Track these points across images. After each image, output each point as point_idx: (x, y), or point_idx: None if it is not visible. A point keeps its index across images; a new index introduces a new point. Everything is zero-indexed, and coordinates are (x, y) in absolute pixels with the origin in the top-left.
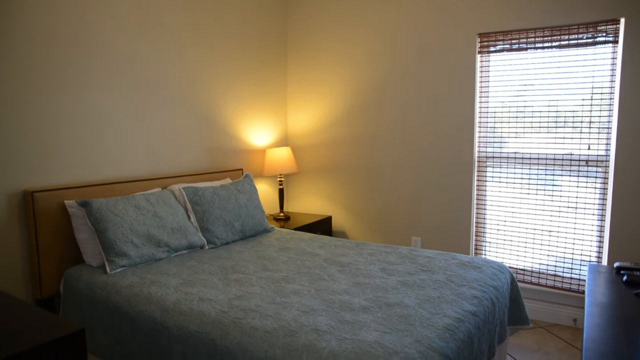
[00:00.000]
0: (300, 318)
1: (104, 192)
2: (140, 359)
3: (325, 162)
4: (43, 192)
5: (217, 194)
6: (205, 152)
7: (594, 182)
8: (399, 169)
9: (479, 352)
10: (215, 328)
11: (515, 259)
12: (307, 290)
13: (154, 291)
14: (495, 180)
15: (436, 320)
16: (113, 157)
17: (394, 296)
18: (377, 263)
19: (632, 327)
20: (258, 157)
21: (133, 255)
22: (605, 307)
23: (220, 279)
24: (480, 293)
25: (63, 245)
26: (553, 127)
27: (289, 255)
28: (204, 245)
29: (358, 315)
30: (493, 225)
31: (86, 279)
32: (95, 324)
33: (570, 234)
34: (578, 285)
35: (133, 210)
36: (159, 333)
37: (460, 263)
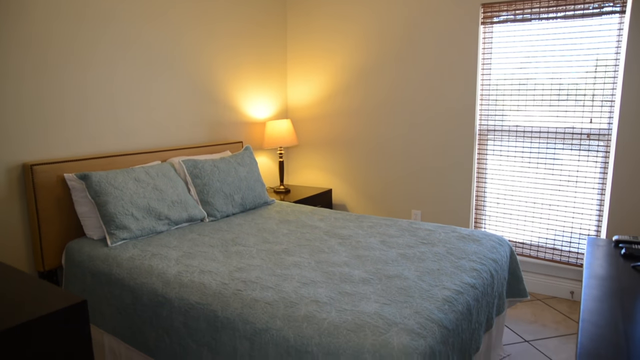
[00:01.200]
0: (300, 290)
1: (103, 165)
2: (142, 330)
3: (325, 134)
4: (42, 165)
5: (217, 166)
6: (205, 125)
7: (595, 156)
8: (399, 141)
9: (478, 324)
10: (216, 300)
11: (515, 233)
12: (307, 262)
13: (155, 263)
14: (496, 154)
15: (435, 292)
16: (112, 130)
17: (394, 268)
18: (377, 236)
19: (628, 299)
20: (258, 130)
21: (134, 228)
22: (603, 280)
23: (221, 251)
24: (480, 266)
25: (64, 218)
26: (555, 100)
27: (289, 228)
28: (204, 218)
29: (358, 287)
30: (493, 198)
31: (87, 251)
32: (98, 296)
33: (570, 208)
34: (576, 258)
35: (133, 183)
36: (161, 305)
37: (460, 236)
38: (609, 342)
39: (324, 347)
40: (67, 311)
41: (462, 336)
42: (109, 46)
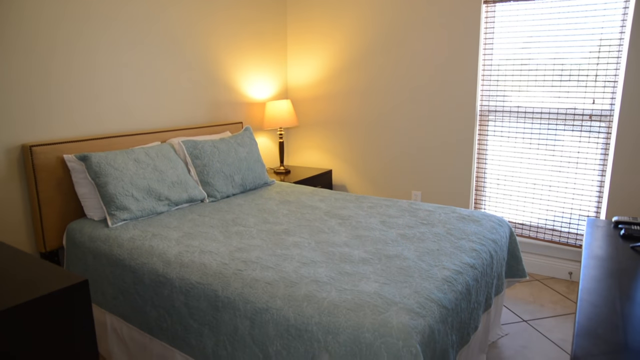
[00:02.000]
0: (300, 269)
1: (103, 146)
2: (144, 310)
3: (325, 115)
4: (42, 146)
5: (216, 147)
6: (204, 106)
7: (596, 137)
8: (400, 122)
9: (476, 304)
10: (216, 279)
11: (515, 214)
12: (307, 242)
13: (155, 244)
14: (497, 135)
15: (435, 272)
16: (112, 111)
17: (394, 249)
18: (377, 216)
19: (626, 279)
20: (258, 111)
21: (134, 208)
22: (602, 260)
23: (221, 231)
24: (479, 246)
25: (64, 199)
26: (558, 80)
27: (290, 208)
28: (204, 198)
29: (358, 267)
30: (493, 179)
31: (88, 232)
32: (99, 276)
33: (570, 189)
34: (575, 239)
35: (133, 164)
36: (162, 285)
37: (460, 216)
38: (606, 321)
39: (324, 326)
40: (68, 290)
41: (461, 316)
42: (109, 28)
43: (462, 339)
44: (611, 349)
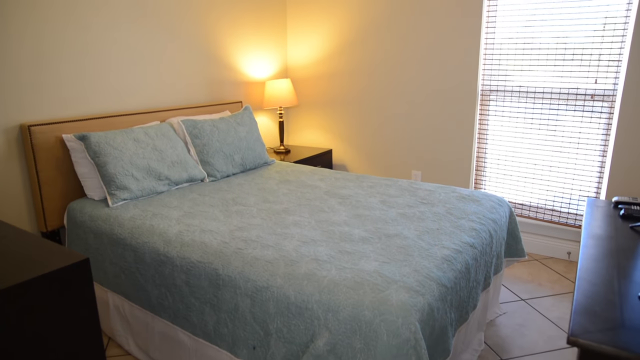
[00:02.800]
0: (300, 248)
1: (102, 126)
2: (145, 289)
3: (325, 94)
4: (40, 126)
5: (216, 126)
6: (203, 85)
7: (598, 118)
8: (401, 101)
9: (475, 282)
10: (217, 258)
11: (515, 194)
12: (307, 221)
13: (156, 223)
14: (498, 115)
15: (435, 251)
16: (111, 90)
17: (394, 228)
18: (377, 195)
19: (624, 259)
20: (257, 90)
21: (134, 188)
22: (601, 240)
23: (222, 210)
24: (479, 226)
25: (64, 179)
26: (561, 60)
27: (290, 188)
28: (204, 178)
29: (358, 246)
30: (494, 159)
31: (89, 212)
32: (101, 255)
33: (571, 170)
34: (575, 219)
35: (132, 144)
36: (163, 263)
37: (460, 196)
38: (604, 299)
39: (324, 304)
40: (70, 269)
41: (460, 294)
42: (108, 6)
43: (460, 317)
44: (608, 326)
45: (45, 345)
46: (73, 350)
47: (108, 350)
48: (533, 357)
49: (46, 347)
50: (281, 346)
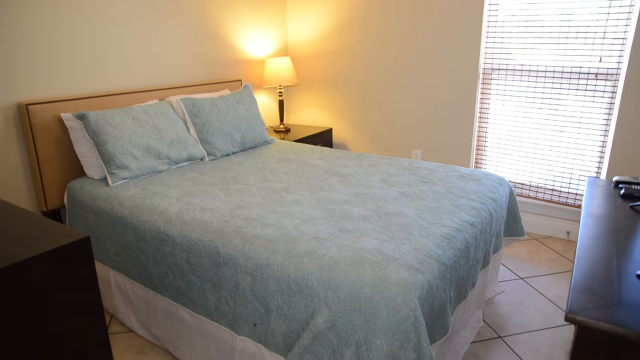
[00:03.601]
0: (300, 226)
1: (100, 105)
2: (146, 267)
3: (326, 73)
4: (38, 104)
5: (215, 105)
6: (203, 63)
7: (601, 97)
8: (402, 79)
9: (475, 261)
10: (217, 236)
11: (515, 173)
12: (307, 200)
13: (156, 202)
14: (499, 94)
15: (434, 229)
16: (109, 69)
17: (394, 206)
18: (377, 174)
19: (624, 237)
20: (257, 68)
21: (134, 167)
22: (600, 219)
23: (221, 189)
24: (479, 204)
25: (64, 158)
26: (564, 38)
27: (290, 167)
28: (204, 157)
29: (358, 224)
30: (494, 139)
31: (89, 191)
32: (101, 234)
33: (572, 150)
34: (575, 199)
35: (131, 123)
36: (164, 242)
37: (460, 175)
38: (602, 277)
39: (324, 281)
40: (71, 247)
41: (460, 272)
42: None
43: (459, 295)
44: (605, 304)
45: (47, 323)
46: (76, 327)
47: (110, 327)
48: (530, 334)
49: (49, 325)
50: (281, 323)
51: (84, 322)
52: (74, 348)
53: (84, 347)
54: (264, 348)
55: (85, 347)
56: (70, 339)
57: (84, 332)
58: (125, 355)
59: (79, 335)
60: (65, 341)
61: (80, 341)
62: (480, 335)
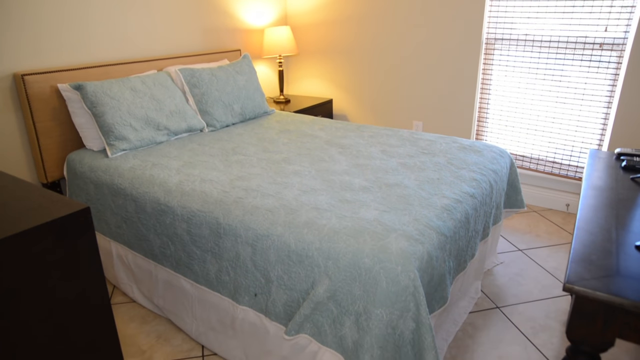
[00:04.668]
0: (300, 197)
1: (97, 75)
2: (147, 238)
3: (326, 42)
4: (34, 75)
5: (215, 75)
6: (201, 33)
7: (605, 68)
8: (403, 50)
9: (474, 232)
10: (217, 207)
11: (516, 145)
12: (307, 171)
13: (156, 173)
14: (502, 64)
15: (435, 200)
16: (106, 38)
17: (394, 177)
18: (377, 145)
19: (624, 209)
20: (256, 38)
21: (133, 138)
22: (601, 190)
23: (221, 160)
24: (479, 176)
25: (62, 130)
26: (570, 6)
27: (290, 137)
28: (203, 128)
29: (358, 195)
30: (496, 110)
31: (88, 162)
32: (102, 205)
33: (574, 122)
34: (575, 171)
35: (129, 93)
36: (164, 213)
37: (461, 147)
38: (601, 248)
39: (324, 251)
40: (71, 217)
41: (459, 243)
42: None
43: (459, 266)
44: (603, 274)
45: (50, 293)
46: (78, 297)
47: (113, 298)
48: (528, 304)
49: (51, 295)
50: (282, 293)
51: (86, 293)
52: (77, 318)
53: (87, 317)
54: (264, 317)
55: (88, 317)
56: (73, 309)
57: (87, 303)
58: (128, 324)
59: (82, 305)
60: (69, 311)
61: (83, 311)
62: (478, 306)
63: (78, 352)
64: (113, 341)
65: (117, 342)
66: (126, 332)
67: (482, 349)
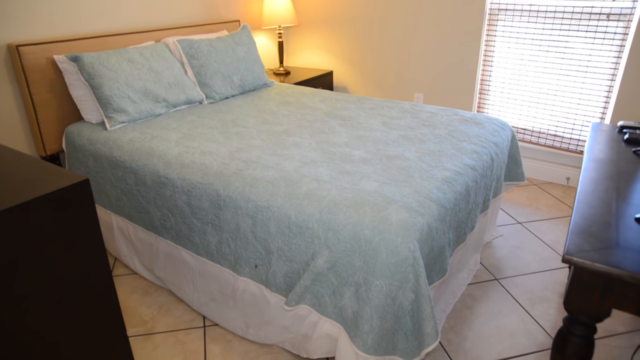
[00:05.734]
0: (301, 169)
1: (94, 46)
2: (147, 210)
3: (327, 13)
4: (29, 46)
5: (213, 46)
6: (199, 3)
7: (611, 39)
8: (404, 20)
9: (474, 205)
10: (217, 179)
11: (518, 118)
12: (307, 142)
13: (155, 145)
14: (505, 36)
15: (435, 172)
16: (102, 8)
17: (395, 149)
18: (378, 117)
19: (624, 182)
20: (255, 8)
21: (131, 111)
22: (602, 163)
23: (221, 132)
24: (480, 148)
25: (59, 102)
26: None
27: (290, 109)
28: (202, 100)
29: (358, 167)
30: (498, 82)
31: (87, 135)
32: (102, 178)
33: (577, 95)
34: (577, 145)
35: (127, 65)
36: (164, 185)
37: (462, 119)
38: (601, 220)
39: (324, 223)
40: (70, 189)
41: (459, 215)
42: None
43: (458, 238)
44: (602, 246)
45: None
46: (80, 268)
47: (115, 270)
48: (526, 276)
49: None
50: (282, 264)
51: (87, 264)
52: (79, 289)
53: (89, 288)
54: (265, 289)
55: (90, 288)
56: (74, 281)
57: (88, 274)
58: (130, 296)
59: (83, 276)
60: (70, 283)
61: (84, 282)
62: (477, 278)
63: (80, 324)
64: (115, 312)
65: (119, 313)
66: (128, 303)
67: (480, 320)
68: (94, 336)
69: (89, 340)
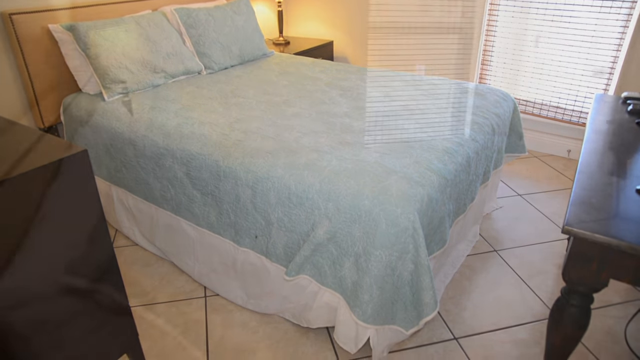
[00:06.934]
0: (301, 139)
1: (89, 15)
2: (147, 182)
3: None
4: (23, 14)
5: (212, 15)
6: None
7: (618, 9)
8: None
9: (475, 176)
10: (217, 150)
11: (520, 90)
12: (307, 113)
13: (154, 116)
14: (509, 5)
15: (436, 143)
16: None
17: (395, 120)
18: (379, 88)
19: (626, 153)
20: None
21: (129, 81)
22: (605, 135)
23: (220, 103)
24: (482, 119)
25: (56, 73)
26: None
27: (289, 80)
28: (201, 70)
29: (359, 137)
30: (501, 53)
31: (85, 106)
32: (101, 149)
33: (581, 66)
34: (579, 117)
35: (124, 34)
36: (163, 156)
37: (464, 90)
38: (601, 192)
39: (324, 193)
40: (69, 160)
41: (460, 187)
42: None
43: (458, 209)
44: (602, 217)
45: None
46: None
47: (115, 241)
48: (524, 248)
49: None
50: (282, 235)
51: (88, 235)
52: (80, 259)
53: (90, 258)
54: (265, 259)
55: (91, 259)
56: (75, 252)
57: (89, 244)
58: (131, 267)
59: (84, 247)
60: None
61: (85, 254)
62: (476, 249)
63: (82, 294)
64: (117, 283)
65: (121, 284)
66: (129, 274)
67: (478, 290)
68: (96, 307)
69: (91, 311)
